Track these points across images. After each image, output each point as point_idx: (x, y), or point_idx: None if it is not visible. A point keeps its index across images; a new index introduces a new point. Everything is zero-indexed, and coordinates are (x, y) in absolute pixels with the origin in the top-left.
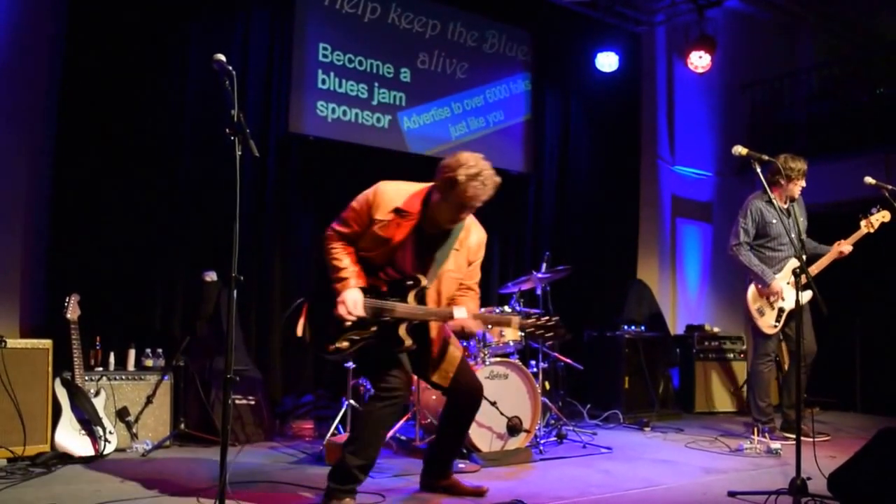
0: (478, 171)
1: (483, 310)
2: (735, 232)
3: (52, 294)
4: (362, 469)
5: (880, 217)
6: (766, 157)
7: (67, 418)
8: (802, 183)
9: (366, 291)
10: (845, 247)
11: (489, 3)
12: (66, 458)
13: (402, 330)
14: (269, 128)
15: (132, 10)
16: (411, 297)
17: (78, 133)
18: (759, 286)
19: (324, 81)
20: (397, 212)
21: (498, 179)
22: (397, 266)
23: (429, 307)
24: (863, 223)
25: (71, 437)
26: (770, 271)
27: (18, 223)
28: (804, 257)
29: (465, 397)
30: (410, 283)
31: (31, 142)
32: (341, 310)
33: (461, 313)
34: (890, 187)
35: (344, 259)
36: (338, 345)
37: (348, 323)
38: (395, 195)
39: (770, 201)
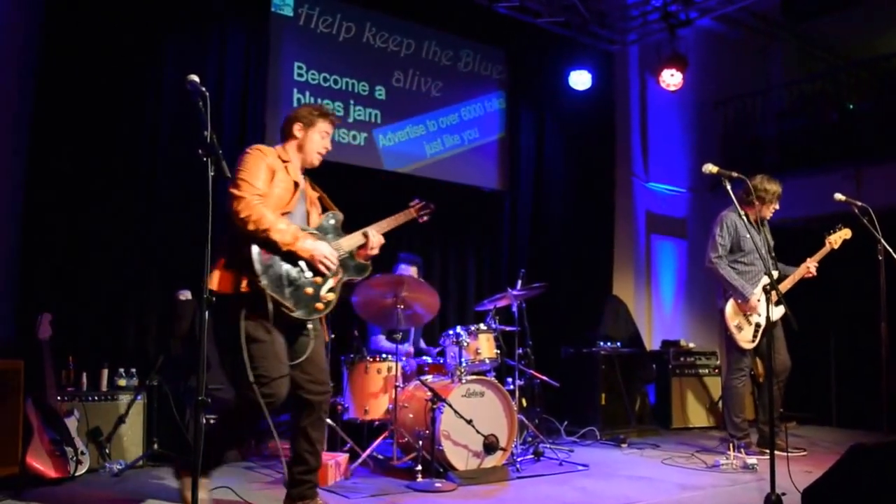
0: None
1: (460, 327)
2: (713, 245)
3: (23, 313)
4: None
5: (842, 235)
6: (735, 175)
7: (39, 439)
8: (776, 206)
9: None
10: (811, 265)
11: (463, 22)
12: (37, 480)
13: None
14: (244, 146)
15: (107, 30)
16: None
17: (50, 151)
18: (739, 301)
19: (299, 100)
20: (281, 160)
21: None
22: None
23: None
24: (827, 241)
25: (42, 459)
26: (749, 286)
27: None
28: (775, 273)
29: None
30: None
31: (2, 159)
32: (323, 263)
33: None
34: (859, 203)
35: (279, 217)
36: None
37: (329, 273)
38: (268, 147)
39: (742, 216)
